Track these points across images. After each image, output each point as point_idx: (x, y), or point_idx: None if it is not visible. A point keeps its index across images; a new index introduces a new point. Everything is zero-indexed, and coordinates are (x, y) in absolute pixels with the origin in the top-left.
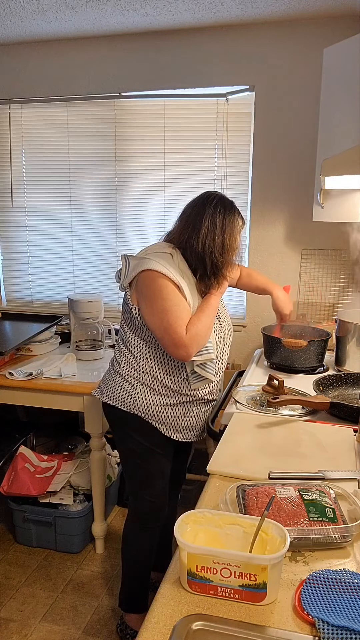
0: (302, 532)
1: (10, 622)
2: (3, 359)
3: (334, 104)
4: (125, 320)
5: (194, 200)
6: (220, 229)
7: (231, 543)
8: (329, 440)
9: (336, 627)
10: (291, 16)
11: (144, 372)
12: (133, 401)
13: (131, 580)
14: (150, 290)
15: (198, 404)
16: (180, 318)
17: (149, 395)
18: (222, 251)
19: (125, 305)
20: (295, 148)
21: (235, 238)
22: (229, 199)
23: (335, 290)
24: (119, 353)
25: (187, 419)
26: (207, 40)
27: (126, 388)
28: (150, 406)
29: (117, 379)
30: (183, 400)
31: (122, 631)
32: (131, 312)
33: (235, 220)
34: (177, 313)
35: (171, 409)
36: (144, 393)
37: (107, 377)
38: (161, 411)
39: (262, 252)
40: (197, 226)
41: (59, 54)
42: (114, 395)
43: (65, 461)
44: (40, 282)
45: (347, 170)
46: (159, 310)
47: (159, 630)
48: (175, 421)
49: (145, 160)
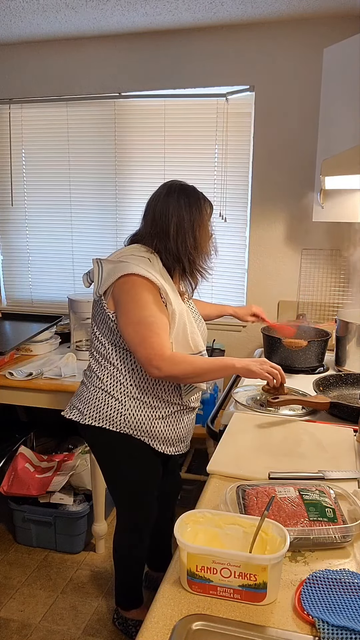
0: (302, 532)
1: (10, 622)
2: (3, 359)
3: (334, 104)
4: (100, 331)
5: (154, 196)
6: (189, 223)
7: (231, 543)
8: (329, 440)
9: (336, 627)
10: (291, 16)
11: (133, 385)
12: (123, 419)
13: (127, 581)
14: (129, 297)
15: (187, 412)
16: (156, 333)
17: (140, 410)
18: (196, 245)
19: (100, 315)
20: (295, 148)
21: (206, 227)
22: (190, 185)
23: (335, 290)
24: (98, 367)
25: (178, 430)
26: (207, 40)
27: (114, 405)
28: (142, 422)
29: (100, 396)
30: (174, 410)
31: (122, 624)
32: (108, 321)
33: (202, 209)
34: (154, 327)
35: (163, 421)
36: (134, 408)
37: (86, 395)
38: (153, 425)
39: (262, 252)
40: (165, 227)
41: (59, 54)
42: (100, 416)
43: (65, 461)
44: (40, 282)
45: (347, 170)
46: (135, 321)
47: (159, 630)
48: (167, 434)
49: (145, 160)
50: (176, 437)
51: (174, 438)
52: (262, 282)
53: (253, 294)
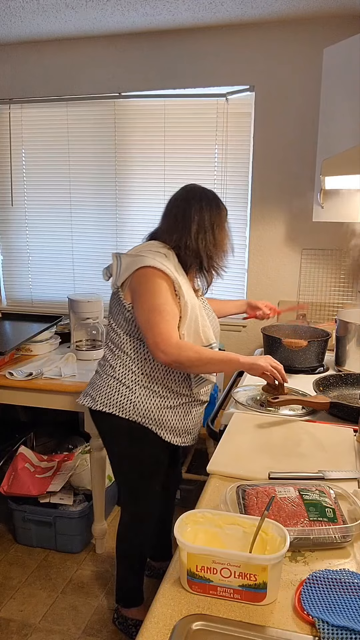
0: (302, 532)
1: (10, 622)
2: (3, 359)
3: (334, 104)
4: (116, 322)
5: (175, 197)
6: (209, 222)
7: (231, 543)
8: (329, 440)
9: (336, 627)
10: (291, 16)
11: (144, 374)
12: (133, 406)
13: (128, 577)
14: (145, 287)
15: (195, 405)
16: (167, 320)
17: (149, 399)
18: (215, 243)
19: (116, 306)
20: (295, 148)
21: (224, 228)
22: (209, 190)
23: (335, 290)
24: (112, 356)
25: (186, 421)
26: (207, 40)
27: (124, 392)
28: (151, 410)
29: (112, 384)
30: (182, 402)
31: (122, 624)
32: (124, 312)
33: (221, 211)
34: (165, 314)
35: (171, 411)
36: (143, 397)
37: (99, 383)
38: (161, 414)
39: (262, 252)
40: (187, 224)
41: (59, 54)
42: (110, 402)
43: (65, 461)
44: (40, 282)
45: (347, 170)
46: (148, 308)
47: (159, 630)
48: (175, 424)
49: (145, 160)
50: (183, 428)
51: (181, 429)
52: (262, 282)
53: (253, 294)
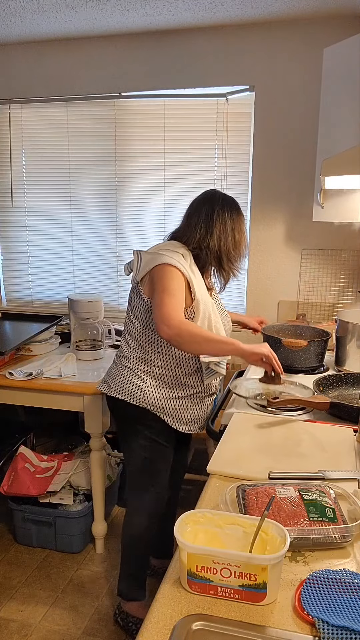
0: (302, 532)
1: (10, 622)
2: (3, 359)
3: (334, 104)
4: (134, 315)
5: (198, 199)
6: (230, 226)
7: (231, 543)
8: (329, 440)
9: (336, 627)
10: (291, 16)
11: (155, 365)
12: (143, 394)
13: (132, 570)
14: (163, 279)
15: (203, 397)
16: (176, 301)
17: (158, 389)
18: (235, 246)
19: (135, 299)
20: (295, 148)
21: (243, 231)
22: (229, 196)
23: (335, 290)
24: (127, 347)
25: (192, 411)
26: (207, 40)
27: (135, 382)
28: (159, 399)
29: (125, 373)
30: (190, 393)
31: (124, 620)
32: (142, 304)
33: (241, 215)
34: (175, 298)
35: (179, 401)
36: (153, 387)
37: (114, 372)
38: (169, 404)
39: (262, 252)
40: (210, 226)
41: (59, 54)
42: (123, 390)
43: (65, 461)
44: (40, 282)
45: (347, 170)
46: (161, 290)
47: (159, 630)
48: (182, 413)
49: (145, 160)
50: (190, 417)
51: (187, 418)
52: (262, 282)
53: (253, 294)
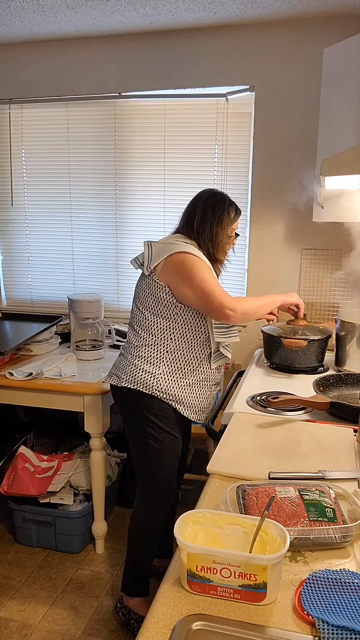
0: (302, 532)
1: (10, 622)
2: (3, 359)
3: (334, 104)
4: (144, 305)
5: (194, 197)
6: (210, 220)
7: (231, 543)
8: (329, 440)
9: (336, 627)
10: (291, 16)
11: (167, 351)
12: (156, 382)
13: (137, 564)
14: (186, 268)
15: (210, 386)
16: (219, 286)
17: (171, 376)
18: (212, 238)
19: (146, 289)
20: (295, 148)
21: (224, 227)
22: (219, 192)
23: (335, 290)
24: (137, 338)
25: (201, 399)
26: (207, 40)
27: (149, 369)
28: (171, 387)
29: (137, 362)
30: (200, 379)
31: (125, 615)
32: (156, 294)
33: (224, 211)
34: (215, 283)
35: (189, 388)
36: (166, 373)
37: (124, 364)
38: (180, 391)
39: (262, 252)
40: (192, 220)
41: (59, 54)
42: (135, 379)
43: (65, 461)
44: (40, 282)
45: (347, 170)
46: (199, 281)
47: (159, 630)
48: (192, 401)
49: (145, 160)
50: (198, 406)
51: (196, 406)
52: (262, 282)
53: (253, 294)
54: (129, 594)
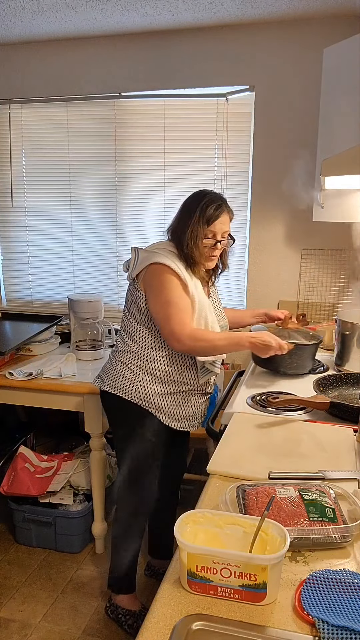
0: (302, 532)
1: (10, 622)
2: (3, 359)
3: (334, 104)
4: (129, 311)
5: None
6: (185, 220)
7: (231, 543)
8: (329, 440)
9: (336, 627)
10: (291, 16)
11: (148, 360)
12: (135, 389)
13: (122, 565)
14: (158, 281)
15: (197, 395)
16: (182, 311)
17: (151, 384)
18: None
19: (131, 296)
20: (295, 148)
21: (196, 229)
22: (201, 190)
23: (335, 290)
24: (122, 343)
25: (186, 408)
26: (207, 40)
27: (128, 376)
28: (151, 394)
29: (119, 368)
30: (184, 389)
31: (114, 612)
32: (137, 302)
33: (197, 211)
34: (180, 306)
35: (171, 397)
36: (146, 381)
37: (108, 367)
38: (161, 400)
39: (262, 252)
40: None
41: (59, 54)
42: (115, 384)
43: (65, 461)
44: (40, 282)
45: (347, 170)
46: (163, 301)
47: (159, 630)
48: (175, 410)
49: (145, 160)
50: (182, 414)
51: (180, 414)
52: (262, 282)
53: (253, 294)
54: (115, 591)
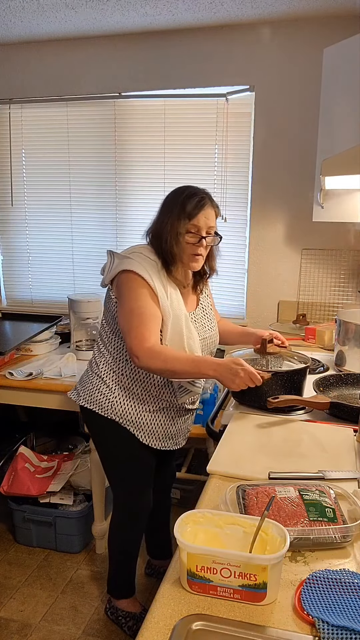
0: (302, 532)
1: (10, 622)
2: (3, 359)
3: (334, 104)
4: (106, 319)
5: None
6: (163, 220)
7: (231, 543)
8: (329, 440)
9: (336, 627)
10: (291, 16)
11: (124, 375)
12: (111, 405)
13: (119, 571)
14: (127, 289)
15: (179, 412)
16: (144, 324)
17: (128, 400)
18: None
19: (107, 303)
20: (295, 148)
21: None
22: (181, 187)
23: (335, 290)
24: (98, 354)
25: (167, 426)
26: (207, 40)
27: (103, 391)
28: (129, 412)
29: (94, 381)
30: (163, 407)
31: (114, 614)
32: (111, 309)
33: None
34: (143, 317)
35: (151, 415)
36: (122, 397)
37: (84, 379)
38: (140, 417)
39: (262, 252)
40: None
41: (58, 54)
42: (91, 398)
43: (65, 461)
44: (40, 282)
45: (347, 170)
46: (127, 311)
47: (159, 630)
48: (155, 428)
49: (145, 160)
50: (164, 433)
51: (161, 433)
52: (262, 282)
53: (253, 294)
54: (116, 597)
